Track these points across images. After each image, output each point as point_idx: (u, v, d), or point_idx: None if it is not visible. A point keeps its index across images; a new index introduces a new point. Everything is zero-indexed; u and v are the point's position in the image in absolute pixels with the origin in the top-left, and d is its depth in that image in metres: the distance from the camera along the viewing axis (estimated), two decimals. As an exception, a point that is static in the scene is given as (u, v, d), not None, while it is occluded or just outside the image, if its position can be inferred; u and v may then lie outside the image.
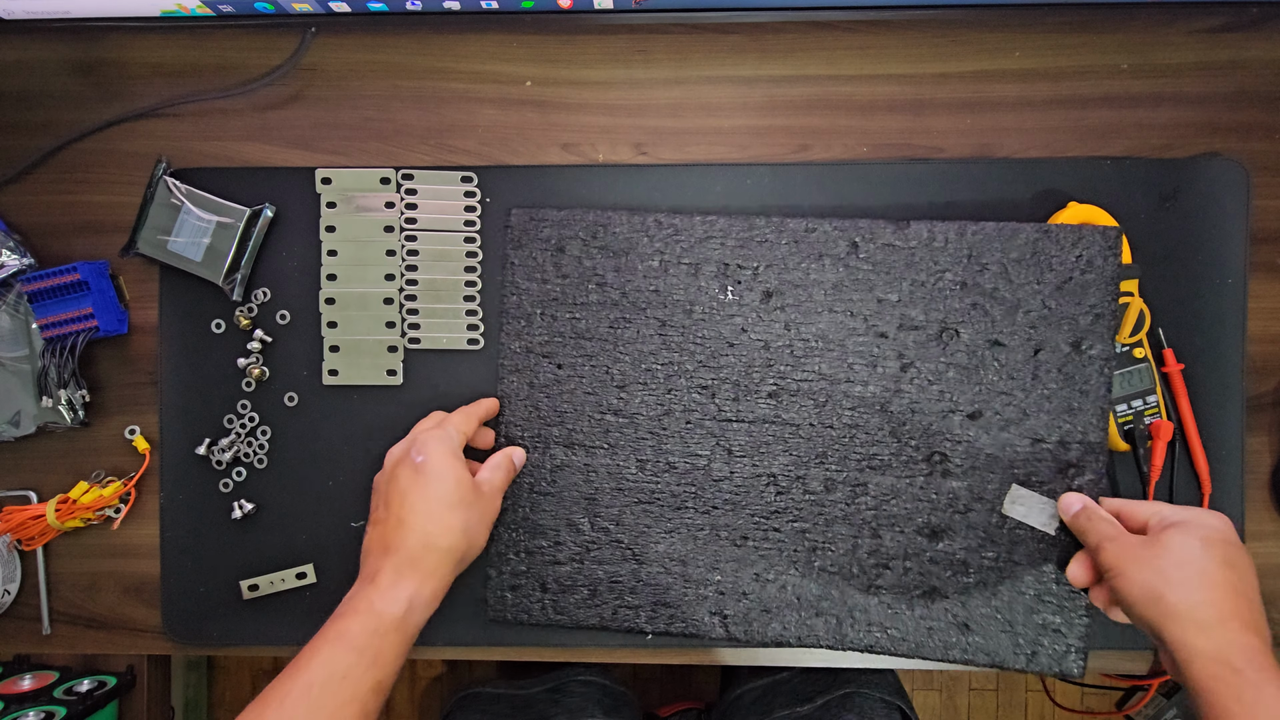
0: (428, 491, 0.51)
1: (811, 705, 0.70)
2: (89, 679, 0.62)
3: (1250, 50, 0.59)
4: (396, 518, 0.50)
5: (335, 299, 0.60)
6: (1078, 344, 0.55)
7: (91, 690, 0.60)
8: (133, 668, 0.63)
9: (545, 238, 0.58)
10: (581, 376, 0.58)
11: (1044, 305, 0.55)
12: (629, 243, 0.58)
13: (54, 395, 0.59)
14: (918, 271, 0.56)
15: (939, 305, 0.56)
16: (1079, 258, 0.55)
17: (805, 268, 0.57)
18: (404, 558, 0.49)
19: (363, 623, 0.47)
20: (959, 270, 0.56)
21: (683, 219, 0.58)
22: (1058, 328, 0.55)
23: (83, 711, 0.58)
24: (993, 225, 0.56)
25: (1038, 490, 0.55)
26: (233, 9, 0.60)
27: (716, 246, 0.57)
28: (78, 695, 0.59)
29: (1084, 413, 0.55)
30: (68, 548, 0.62)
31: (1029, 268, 0.55)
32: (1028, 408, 0.55)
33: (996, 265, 0.55)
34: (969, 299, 0.56)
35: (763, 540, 0.57)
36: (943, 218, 0.57)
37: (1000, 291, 0.55)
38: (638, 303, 0.58)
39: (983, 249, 0.56)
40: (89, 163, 0.62)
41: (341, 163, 0.61)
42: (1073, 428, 0.55)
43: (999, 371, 0.56)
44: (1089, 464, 0.55)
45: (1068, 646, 0.56)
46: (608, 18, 0.60)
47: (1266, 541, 0.59)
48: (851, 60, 0.60)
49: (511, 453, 0.57)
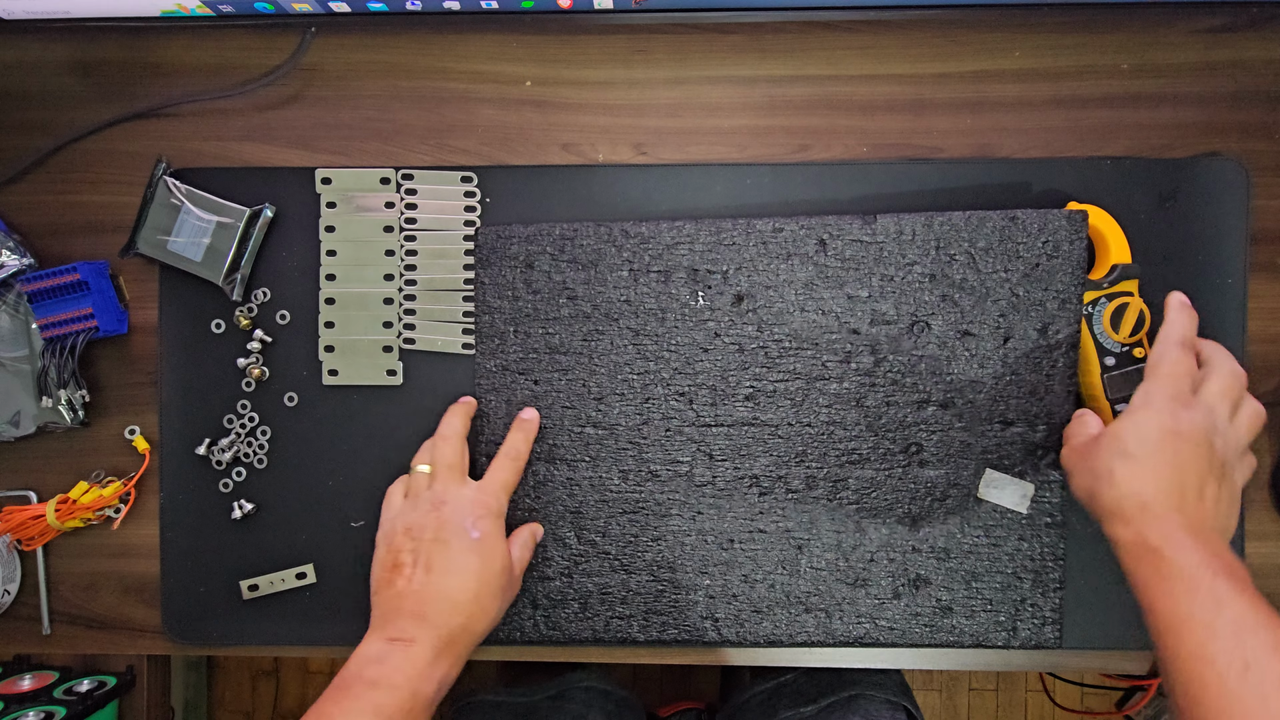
0: (482, 574, 0.50)
1: (815, 706, 0.70)
2: (89, 679, 0.62)
3: (1250, 50, 0.59)
4: (440, 590, 0.49)
5: (334, 299, 0.60)
6: (1044, 329, 0.56)
7: (91, 690, 0.60)
8: (132, 668, 0.63)
9: (514, 254, 0.58)
10: (559, 391, 0.58)
11: (1012, 293, 0.56)
12: (597, 254, 0.58)
13: (54, 395, 0.59)
14: (887, 266, 0.57)
15: (909, 299, 0.57)
16: (1045, 243, 0.56)
17: (775, 268, 0.57)
18: (444, 636, 0.48)
19: (399, 701, 0.46)
20: (928, 262, 0.56)
21: (649, 226, 0.58)
22: (1026, 314, 0.56)
23: (82, 712, 0.58)
24: (960, 215, 0.56)
25: (1010, 473, 0.57)
26: (233, 9, 0.60)
27: (685, 252, 0.58)
28: (77, 695, 0.59)
29: (1052, 395, 0.56)
30: (67, 548, 0.62)
31: (997, 256, 0.56)
32: (998, 394, 0.57)
33: (964, 255, 0.56)
34: (939, 291, 0.56)
35: (749, 541, 0.58)
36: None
37: (969, 281, 0.56)
38: (610, 314, 0.58)
39: (950, 239, 0.56)
40: (89, 163, 0.62)
41: (341, 163, 0.61)
42: (1040, 411, 0.56)
43: (970, 361, 0.57)
44: (1056, 445, 0.57)
45: (1044, 619, 0.57)
46: (608, 18, 0.60)
47: (1267, 542, 0.59)
48: (851, 60, 0.60)
49: (534, 530, 0.57)
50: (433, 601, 0.49)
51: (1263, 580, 0.58)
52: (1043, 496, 0.57)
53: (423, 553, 0.50)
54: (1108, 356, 0.56)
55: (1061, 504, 0.57)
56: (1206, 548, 0.44)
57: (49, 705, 0.57)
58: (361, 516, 0.60)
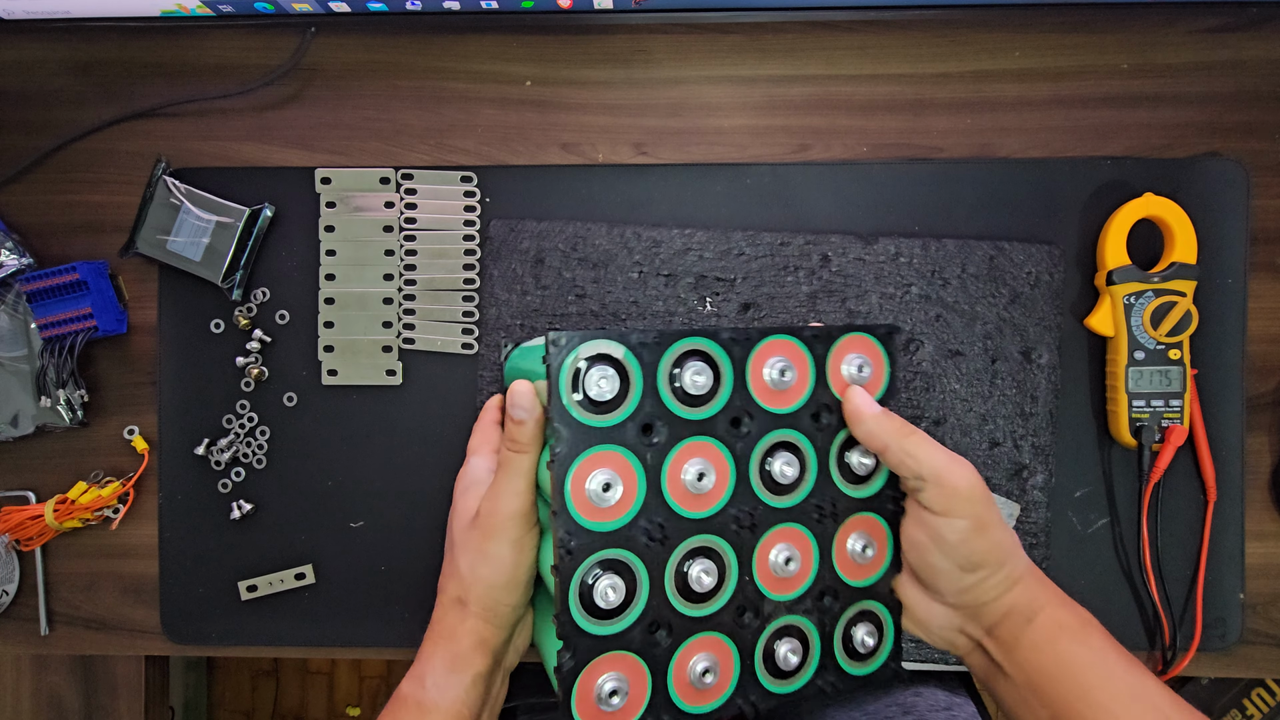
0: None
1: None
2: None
3: (1250, 50, 0.59)
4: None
5: (334, 299, 0.60)
6: (1028, 353, 0.58)
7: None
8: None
9: (524, 249, 0.59)
10: None
11: (999, 317, 0.58)
12: (608, 255, 0.58)
13: (53, 395, 0.59)
14: (885, 284, 0.58)
15: (906, 317, 0.58)
16: (1028, 273, 0.58)
17: (780, 280, 0.58)
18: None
19: None
20: (923, 284, 0.58)
21: (662, 231, 0.59)
22: (1011, 338, 0.58)
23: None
24: (953, 242, 0.58)
25: (997, 492, 0.58)
26: (233, 9, 0.60)
27: (695, 259, 0.58)
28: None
29: (1035, 417, 0.58)
30: (66, 548, 0.62)
31: (985, 282, 0.58)
32: (986, 414, 0.58)
33: (957, 280, 0.58)
34: (932, 311, 0.58)
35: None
36: (944, 217, 0.58)
37: (960, 304, 0.58)
38: (618, 313, 0.58)
39: (944, 264, 0.58)
40: (89, 163, 0.62)
41: (341, 163, 0.61)
42: (1025, 431, 0.58)
43: (959, 379, 0.58)
44: (1039, 466, 0.58)
45: None
46: (608, 18, 0.60)
47: (1266, 541, 0.58)
48: (851, 60, 0.60)
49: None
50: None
51: (1263, 580, 0.58)
52: (1027, 517, 0.58)
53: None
54: (1139, 350, 0.56)
55: (1047, 525, 0.58)
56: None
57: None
58: (361, 517, 0.60)
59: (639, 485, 0.43)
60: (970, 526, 0.44)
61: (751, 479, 0.46)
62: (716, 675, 0.44)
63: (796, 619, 0.47)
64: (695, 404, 0.44)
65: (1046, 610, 0.45)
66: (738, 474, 0.45)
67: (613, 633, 0.43)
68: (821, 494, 0.47)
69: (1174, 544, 0.58)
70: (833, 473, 0.48)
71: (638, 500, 0.43)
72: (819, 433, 0.47)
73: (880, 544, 0.48)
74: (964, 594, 0.45)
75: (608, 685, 0.42)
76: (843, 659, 0.48)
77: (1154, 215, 0.56)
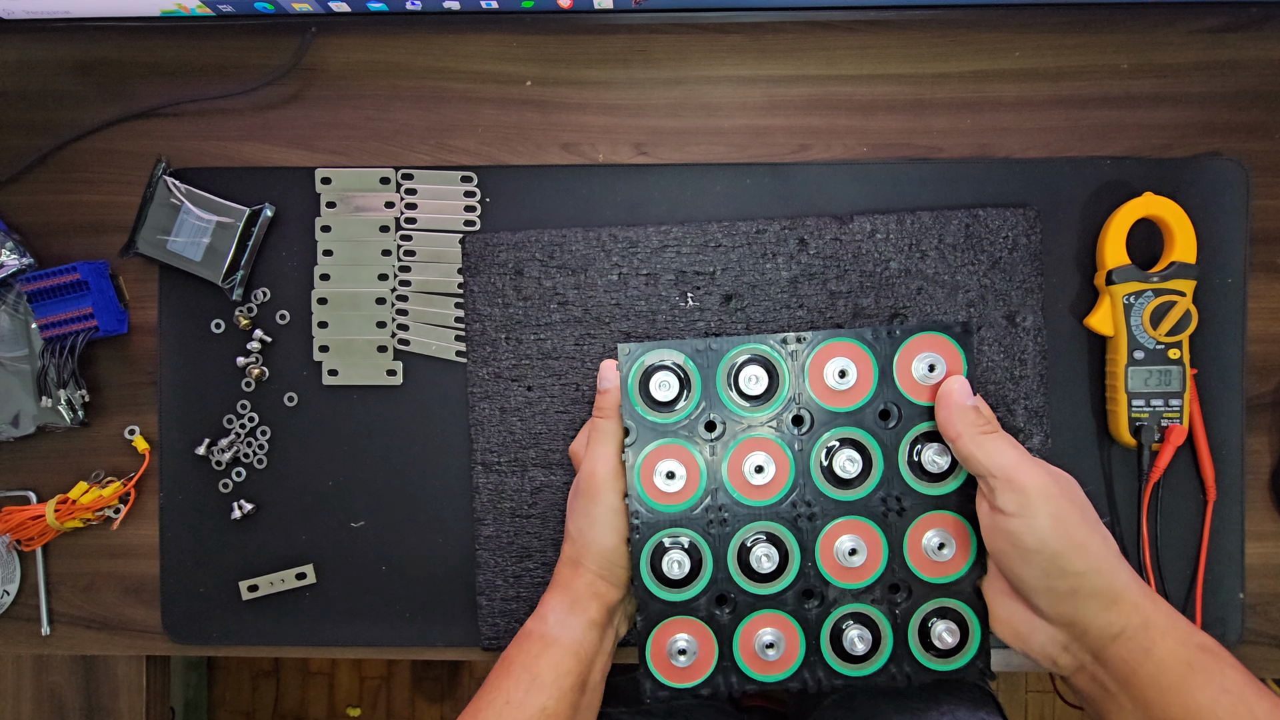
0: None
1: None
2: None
3: (1250, 50, 0.59)
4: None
5: (326, 299, 0.60)
6: (1011, 317, 0.58)
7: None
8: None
9: (502, 261, 0.59)
10: (552, 396, 0.58)
11: (980, 285, 0.58)
12: (586, 259, 0.59)
13: (53, 395, 0.59)
14: (864, 263, 0.58)
15: (888, 293, 0.58)
16: (1005, 238, 0.58)
17: (760, 268, 0.58)
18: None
19: None
20: (902, 259, 0.58)
21: (637, 231, 0.59)
22: (994, 305, 0.58)
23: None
24: (928, 214, 0.58)
25: None
26: (233, 9, 0.60)
27: (673, 255, 0.58)
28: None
29: (1025, 380, 0.58)
30: (67, 548, 0.62)
31: (964, 251, 0.58)
32: (975, 381, 0.57)
33: (935, 251, 0.58)
34: (914, 284, 0.58)
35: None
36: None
37: (941, 275, 0.58)
38: (601, 318, 0.58)
39: (921, 236, 0.58)
40: (89, 163, 0.62)
41: (341, 162, 0.61)
42: (1017, 395, 0.58)
43: None
44: (1034, 429, 0.58)
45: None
46: (608, 18, 0.60)
47: (1266, 541, 0.58)
48: (851, 60, 0.60)
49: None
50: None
51: (1263, 580, 0.58)
52: None
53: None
54: (1138, 350, 0.56)
55: None
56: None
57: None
58: (361, 517, 0.60)
59: (701, 475, 0.49)
60: (1049, 529, 0.42)
61: (813, 473, 0.50)
62: (781, 650, 0.49)
63: (865, 607, 0.50)
64: (754, 402, 0.49)
65: (1167, 641, 0.41)
66: (797, 467, 0.50)
67: (680, 600, 0.49)
68: (889, 489, 0.49)
69: (1174, 544, 0.58)
70: (902, 469, 0.50)
71: (700, 487, 0.49)
72: (886, 430, 0.49)
73: (961, 543, 0.49)
74: (1061, 611, 0.44)
75: (678, 644, 0.49)
76: (919, 653, 0.50)
77: (1154, 215, 0.56)
